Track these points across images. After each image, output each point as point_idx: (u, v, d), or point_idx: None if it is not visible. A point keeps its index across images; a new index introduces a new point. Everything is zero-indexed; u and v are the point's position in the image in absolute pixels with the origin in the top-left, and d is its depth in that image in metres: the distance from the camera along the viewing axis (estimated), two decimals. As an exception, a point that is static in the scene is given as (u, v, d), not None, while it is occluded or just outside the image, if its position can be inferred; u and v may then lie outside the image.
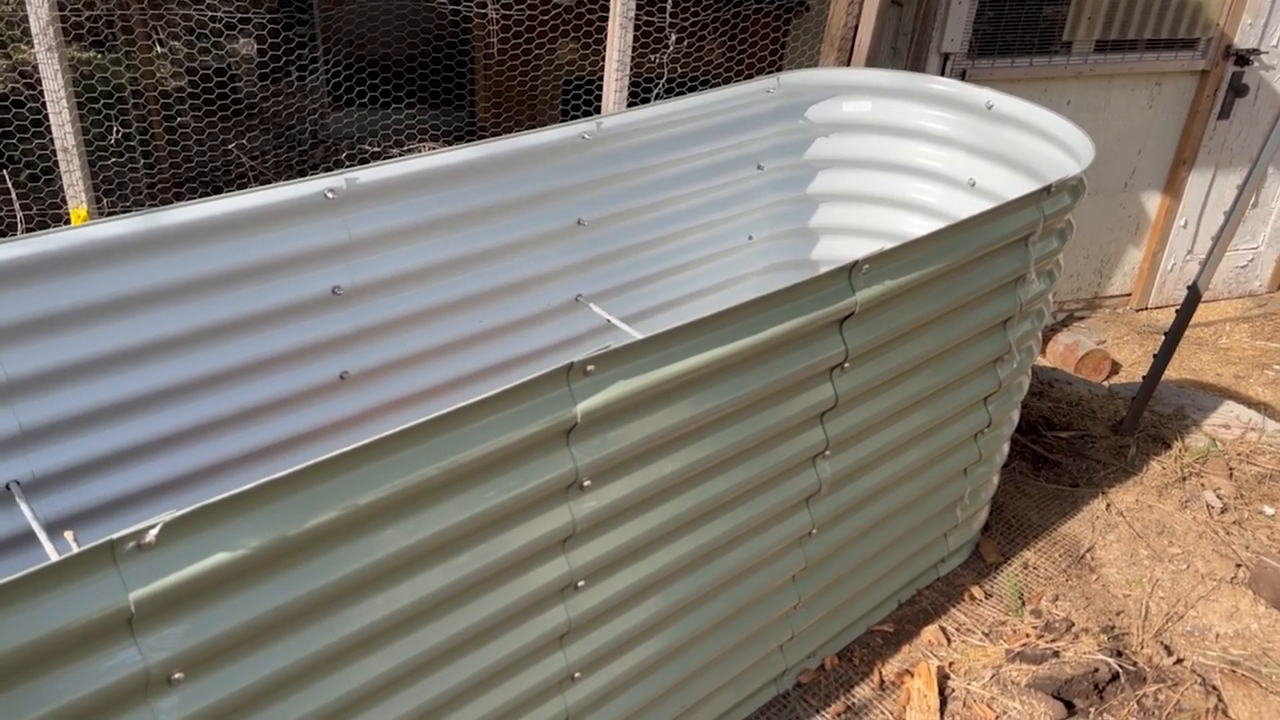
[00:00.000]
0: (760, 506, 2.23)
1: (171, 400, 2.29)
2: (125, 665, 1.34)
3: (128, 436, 2.23)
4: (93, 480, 2.18)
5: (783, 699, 2.64)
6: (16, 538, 2.05)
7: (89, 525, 2.17)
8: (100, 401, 2.17)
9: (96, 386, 2.16)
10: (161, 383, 2.26)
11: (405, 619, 1.67)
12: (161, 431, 2.29)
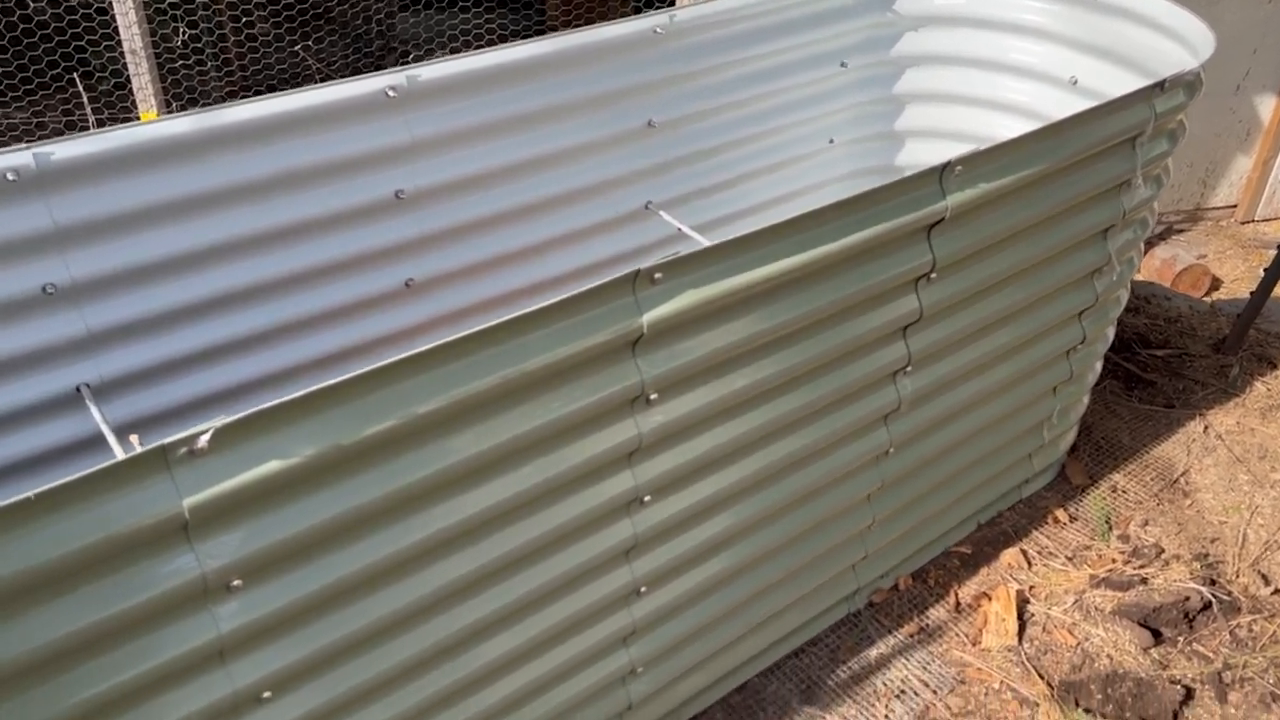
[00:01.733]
0: (835, 424, 2.13)
1: (237, 305, 2.26)
2: (183, 571, 1.32)
3: (194, 341, 2.22)
4: (160, 385, 2.18)
5: (854, 618, 2.58)
6: (87, 441, 2.07)
7: (157, 430, 2.18)
8: (165, 305, 2.15)
9: (161, 290, 2.14)
10: (226, 287, 2.23)
11: (467, 531, 1.63)
12: (227, 337, 2.27)
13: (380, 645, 1.62)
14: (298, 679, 1.54)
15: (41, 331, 1.99)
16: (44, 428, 2.03)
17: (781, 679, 2.43)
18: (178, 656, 1.36)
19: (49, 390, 2.03)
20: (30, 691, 1.26)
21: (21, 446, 2.00)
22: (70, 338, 2.04)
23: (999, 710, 2.35)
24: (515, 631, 1.80)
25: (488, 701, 1.83)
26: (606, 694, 2.06)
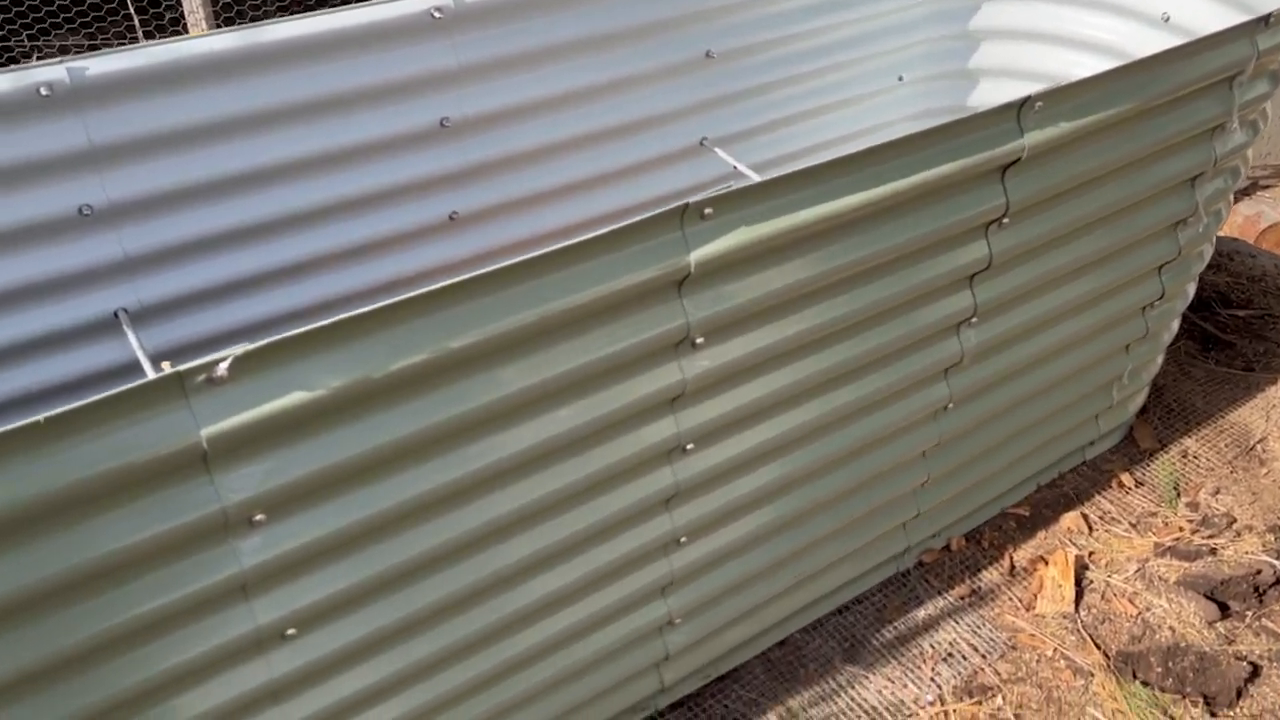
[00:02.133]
0: (891, 377, 2.02)
1: (277, 233, 2.21)
2: (203, 503, 1.28)
3: (233, 269, 2.17)
4: (199, 313, 2.14)
5: (902, 577, 2.50)
6: (124, 367, 2.04)
7: (194, 358, 2.14)
8: (203, 231, 2.10)
9: (199, 215, 2.09)
10: (266, 214, 2.18)
11: (500, 472, 1.57)
12: (267, 265, 2.22)
13: (409, 587, 1.58)
14: (323, 617, 1.50)
15: (78, 254, 1.96)
16: (81, 353, 2.01)
17: (824, 636, 2.36)
18: (198, 590, 1.32)
19: (86, 314, 2.00)
20: (48, 620, 1.23)
21: (58, 371, 1.98)
22: (107, 261, 2.00)
23: (1051, 678, 2.26)
24: (549, 577, 1.74)
25: (521, 646, 1.78)
26: (643, 643, 2.01)
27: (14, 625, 1.21)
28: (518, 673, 1.82)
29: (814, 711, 2.19)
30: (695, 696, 2.23)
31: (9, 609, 1.19)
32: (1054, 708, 2.20)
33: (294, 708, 1.54)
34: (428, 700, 1.70)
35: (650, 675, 2.08)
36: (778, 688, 2.24)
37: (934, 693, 2.22)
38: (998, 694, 2.22)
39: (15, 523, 1.15)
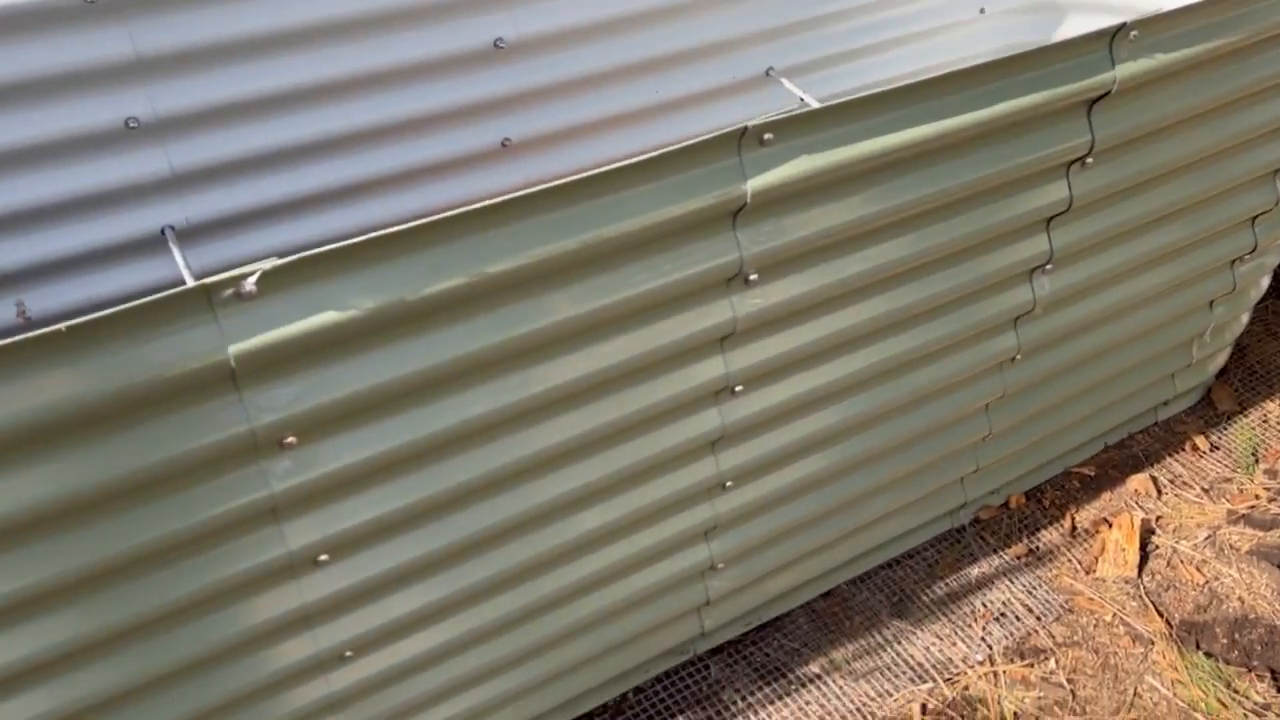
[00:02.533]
0: (957, 324, 1.92)
1: (327, 153, 2.16)
2: (231, 423, 1.24)
3: (282, 189, 2.12)
4: (246, 234, 2.10)
5: (957, 533, 2.41)
6: (169, 286, 2.01)
7: (241, 278, 2.12)
8: (253, 149, 2.05)
9: (249, 131, 2.04)
10: (316, 133, 2.12)
11: (541, 406, 1.51)
12: (318, 187, 2.17)
13: (445, 518, 1.54)
14: (356, 545, 1.47)
15: (124, 168, 1.93)
16: (126, 269, 1.99)
17: (872, 589, 2.29)
18: (227, 511, 1.30)
19: (132, 231, 1.97)
20: (75, 534, 1.21)
21: (102, 288, 1.96)
22: (154, 176, 1.97)
23: (1108, 644, 2.17)
24: (589, 515, 1.69)
25: (559, 583, 1.74)
26: (684, 587, 1.96)
27: (40, 538, 1.19)
28: (555, 610, 1.78)
29: (858, 665, 2.14)
30: (736, 643, 2.18)
31: (34, 521, 1.17)
32: (1110, 674, 2.11)
33: (326, 633, 1.52)
34: (462, 633, 1.67)
35: (691, 619, 2.04)
36: (821, 639, 2.19)
37: (984, 652, 2.15)
38: (1051, 657, 2.14)
39: (38, 434, 1.13)
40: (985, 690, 2.08)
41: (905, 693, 2.07)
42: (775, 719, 2.03)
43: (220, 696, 1.46)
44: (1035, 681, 2.10)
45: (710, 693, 2.09)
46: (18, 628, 1.24)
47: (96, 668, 1.33)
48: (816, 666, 2.14)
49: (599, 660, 1.94)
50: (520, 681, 1.82)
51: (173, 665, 1.38)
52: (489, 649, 1.74)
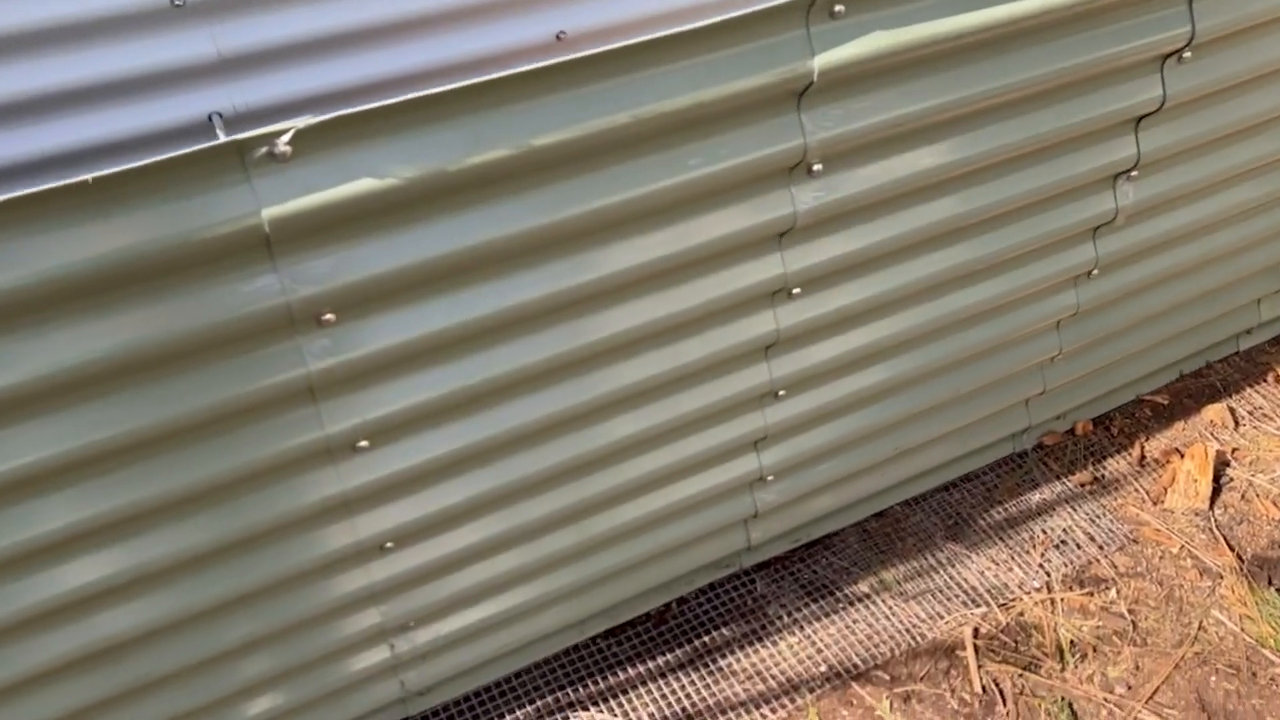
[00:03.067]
0: (1032, 231, 1.81)
1: (379, 41, 2.08)
2: (267, 294, 1.20)
3: (331, 78, 2.05)
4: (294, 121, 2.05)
5: (1018, 458, 2.32)
6: (216, 173, 1.98)
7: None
8: (302, 32, 1.98)
9: (298, 14, 1.97)
10: (368, 19, 2.04)
11: (586, 297, 1.45)
12: (367, 77, 2.10)
13: (488, 410, 1.49)
14: (396, 432, 1.43)
15: (169, 50, 1.87)
16: (173, 155, 1.95)
17: (927, 511, 2.22)
18: (263, 387, 1.26)
19: (178, 116, 1.92)
20: (105, 403, 1.19)
21: (150, 172, 1.93)
22: (201, 60, 1.91)
23: (1174, 576, 2.07)
24: (636, 416, 1.64)
25: (604, 485, 1.70)
26: (732, 498, 1.91)
27: (71, 405, 1.17)
28: (600, 513, 1.74)
29: (909, 586, 2.07)
30: (783, 559, 2.13)
31: (67, 386, 1.15)
32: (1174, 606, 2.02)
33: (366, 522, 1.50)
34: (504, 530, 1.64)
35: (737, 532, 1.99)
36: (871, 558, 2.13)
37: (1041, 579, 2.07)
38: (1112, 587, 2.06)
39: (69, 292, 1.10)
40: (1041, 617, 2.00)
41: (957, 615, 2.01)
42: (821, 635, 1.98)
43: (260, 580, 1.44)
44: (1094, 611, 2.02)
45: (755, 607, 2.05)
46: (55, 494, 1.23)
47: (132, 542, 1.32)
48: (866, 586, 2.08)
49: (643, 568, 1.90)
50: (562, 584, 1.79)
51: (212, 544, 1.37)
52: (531, 549, 1.71)
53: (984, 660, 1.93)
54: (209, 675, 1.51)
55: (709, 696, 1.89)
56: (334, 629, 1.59)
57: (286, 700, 1.62)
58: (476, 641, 1.79)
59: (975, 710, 1.85)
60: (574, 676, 1.93)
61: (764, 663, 1.94)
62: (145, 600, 1.38)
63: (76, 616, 1.34)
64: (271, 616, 1.50)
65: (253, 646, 1.52)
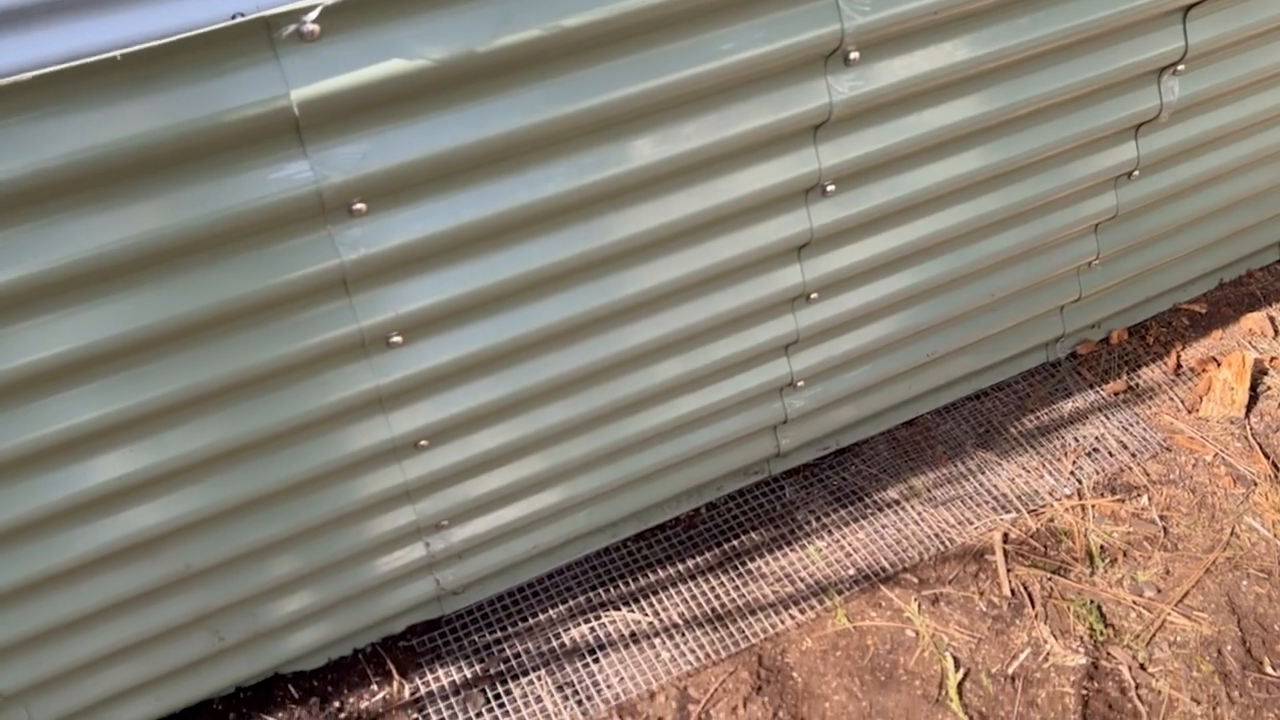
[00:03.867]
0: (1075, 128, 1.76)
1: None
2: (297, 180, 1.19)
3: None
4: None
5: (1051, 368, 2.29)
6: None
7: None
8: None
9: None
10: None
11: (616, 191, 1.43)
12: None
13: (520, 306, 1.49)
14: (430, 327, 1.44)
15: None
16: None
17: (958, 420, 2.21)
18: (295, 278, 1.26)
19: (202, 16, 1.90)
20: (136, 288, 1.19)
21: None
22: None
23: (1207, 484, 2.06)
24: (667, 318, 1.63)
25: (636, 387, 1.70)
26: (762, 402, 1.91)
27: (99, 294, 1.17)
28: (632, 414, 1.75)
29: (938, 492, 2.07)
30: (812, 466, 2.14)
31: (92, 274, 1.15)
32: (1206, 513, 2.01)
33: (400, 419, 1.51)
34: (537, 431, 1.65)
35: (767, 437, 1.99)
36: (901, 465, 2.13)
37: (1072, 486, 2.07)
38: (1144, 494, 2.05)
39: (99, 175, 1.09)
40: (1071, 523, 2.00)
41: (987, 521, 2.01)
42: (850, 540, 1.99)
43: (295, 475, 1.46)
44: (1125, 517, 2.01)
45: (784, 512, 2.06)
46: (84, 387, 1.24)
47: (165, 436, 1.33)
48: (895, 492, 2.08)
49: (673, 472, 1.91)
50: (593, 486, 1.81)
51: (246, 439, 1.38)
52: (563, 450, 1.72)
53: (1013, 564, 1.94)
54: (245, 571, 1.55)
55: (738, 598, 1.91)
56: (369, 526, 1.61)
57: (323, 597, 1.65)
58: (510, 541, 1.81)
59: (1004, 612, 1.86)
60: (605, 578, 1.95)
61: (792, 566, 1.96)
62: (179, 495, 1.40)
63: (110, 510, 1.37)
64: (307, 513, 1.52)
65: (289, 543, 1.55)
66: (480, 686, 1.78)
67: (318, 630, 1.70)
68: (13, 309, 1.14)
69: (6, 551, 1.31)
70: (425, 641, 1.85)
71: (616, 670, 1.80)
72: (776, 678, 1.79)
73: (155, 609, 1.48)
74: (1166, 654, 1.78)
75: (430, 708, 1.75)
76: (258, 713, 1.73)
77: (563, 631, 1.87)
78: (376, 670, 1.81)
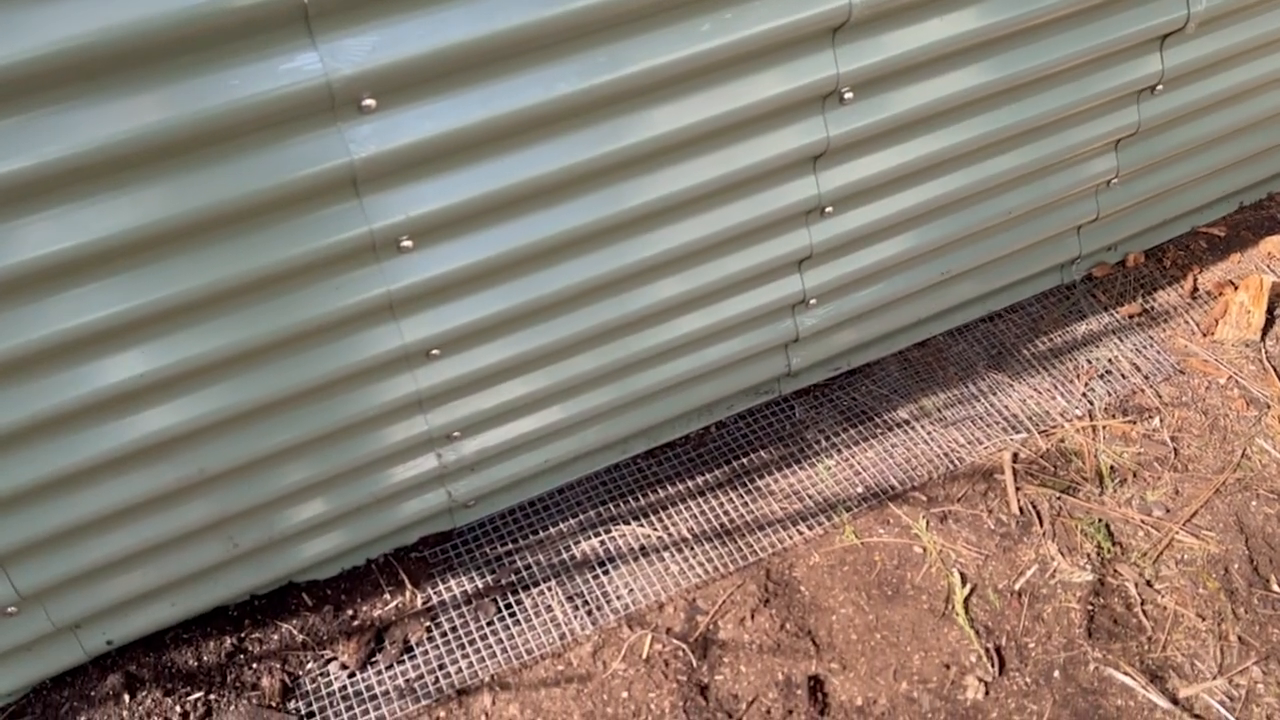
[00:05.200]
0: (1098, 38, 1.72)
1: None
2: (306, 71, 1.17)
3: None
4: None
5: (1065, 290, 2.28)
6: None
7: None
8: None
9: None
10: None
11: (626, 92, 1.41)
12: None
13: (529, 214, 1.48)
14: (438, 232, 1.42)
15: None
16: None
17: (970, 341, 2.20)
18: (306, 174, 1.25)
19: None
20: (145, 182, 1.18)
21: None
22: None
23: (1219, 406, 2.05)
24: (679, 229, 1.61)
25: (647, 300, 1.69)
26: (773, 320, 1.90)
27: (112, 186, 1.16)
28: (643, 329, 1.74)
29: (949, 413, 2.07)
30: (822, 387, 2.13)
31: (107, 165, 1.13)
32: (1218, 435, 2.01)
33: (412, 326, 1.50)
34: (547, 343, 1.64)
35: (778, 356, 1.99)
36: (912, 386, 2.12)
37: (1084, 408, 2.06)
38: (1155, 416, 2.04)
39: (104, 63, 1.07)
40: (1082, 444, 2.00)
41: (997, 441, 2.01)
42: (859, 459, 2.00)
43: (306, 381, 1.46)
44: (1136, 438, 2.01)
45: (793, 431, 2.06)
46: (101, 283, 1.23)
47: (176, 337, 1.33)
48: (905, 413, 2.08)
49: (683, 390, 1.91)
50: (603, 401, 1.80)
51: (258, 341, 1.38)
52: (574, 364, 1.71)
53: (1022, 484, 1.94)
54: (259, 477, 1.55)
55: (746, 514, 1.92)
56: (382, 436, 1.61)
57: (336, 506, 1.66)
58: (521, 455, 1.82)
59: (1012, 530, 1.87)
60: (615, 493, 1.96)
61: (801, 484, 1.97)
62: (193, 397, 1.40)
63: (125, 412, 1.37)
64: (321, 419, 1.53)
65: (302, 450, 1.55)
66: (491, 596, 1.80)
67: (331, 539, 1.72)
68: (22, 200, 1.13)
69: (22, 451, 1.32)
70: (437, 553, 1.87)
71: (626, 582, 1.82)
72: (784, 591, 1.81)
73: (171, 513, 1.49)
74: (1173, 571, 1.79)
75: (442, 616, 1.77)
76: (272, 619, 1.76)
77: (573, 545, 1.88)
78: (389, 580, 1.83)
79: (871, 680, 1.67)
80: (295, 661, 1.71)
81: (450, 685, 1.68)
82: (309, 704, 1.65)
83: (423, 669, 1.70)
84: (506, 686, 1.69)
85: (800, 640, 1.73)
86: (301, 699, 1.66)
